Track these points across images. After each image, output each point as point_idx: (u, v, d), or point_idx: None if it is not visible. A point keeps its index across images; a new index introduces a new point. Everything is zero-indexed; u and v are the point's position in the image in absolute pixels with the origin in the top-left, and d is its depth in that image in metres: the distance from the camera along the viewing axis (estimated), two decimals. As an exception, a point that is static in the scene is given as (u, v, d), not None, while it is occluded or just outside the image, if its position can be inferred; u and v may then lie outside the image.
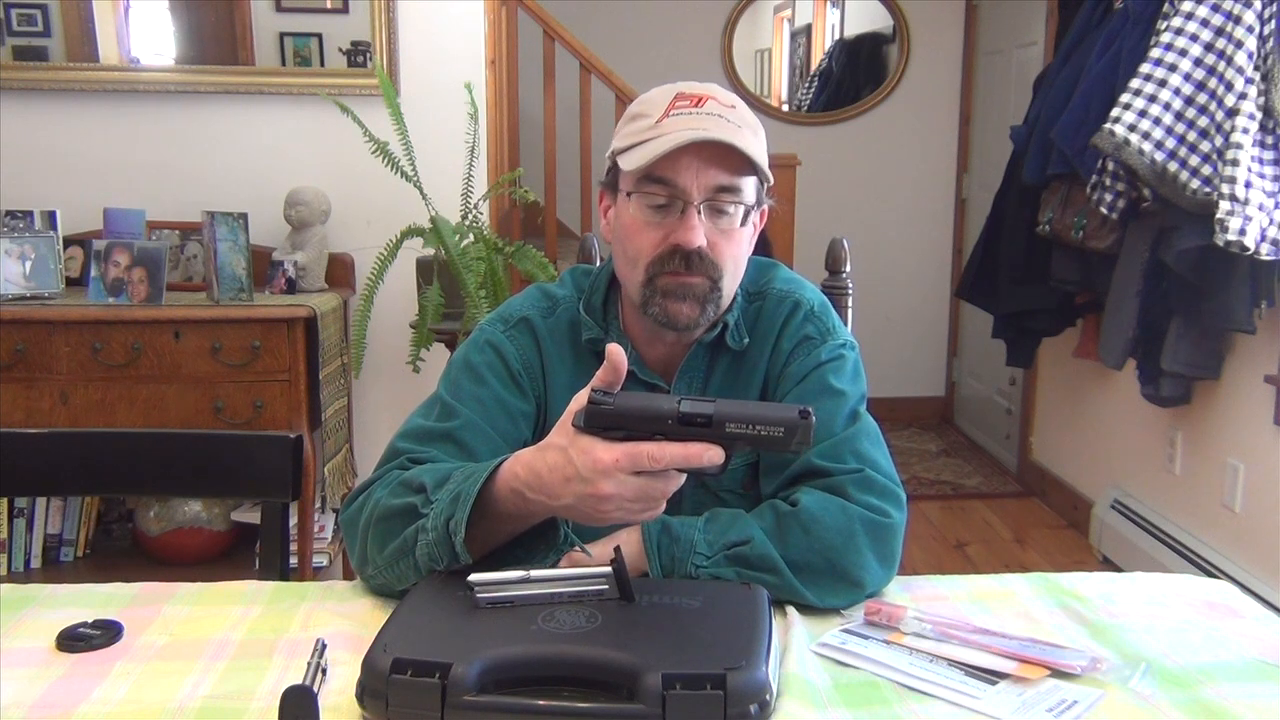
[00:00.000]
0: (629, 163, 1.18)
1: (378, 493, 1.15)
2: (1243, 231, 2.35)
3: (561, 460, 0.97)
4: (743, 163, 1.17)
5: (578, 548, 1.11)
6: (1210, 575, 2.74)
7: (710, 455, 0.92)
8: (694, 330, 1.22)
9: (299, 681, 0.89)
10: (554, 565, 1.10)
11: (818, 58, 5.01)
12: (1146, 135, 2.52)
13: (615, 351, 0.97)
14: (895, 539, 1.14)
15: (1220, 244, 2.38)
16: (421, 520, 1.07)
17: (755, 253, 1.32)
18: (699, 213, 1.17)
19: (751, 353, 1.28)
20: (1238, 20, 2.45)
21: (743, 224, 1.21)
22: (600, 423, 0.95)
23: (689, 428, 0.93)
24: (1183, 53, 2.51)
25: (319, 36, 2.90)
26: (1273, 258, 2.42)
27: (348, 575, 2.77)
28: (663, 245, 1.18)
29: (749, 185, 1.20)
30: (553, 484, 0.98)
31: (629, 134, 1.20)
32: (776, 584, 1.09)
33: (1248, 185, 2.37)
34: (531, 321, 1.28)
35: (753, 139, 1.19)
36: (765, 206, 1.27)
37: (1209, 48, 2.49)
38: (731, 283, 1.22)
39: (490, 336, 1.27)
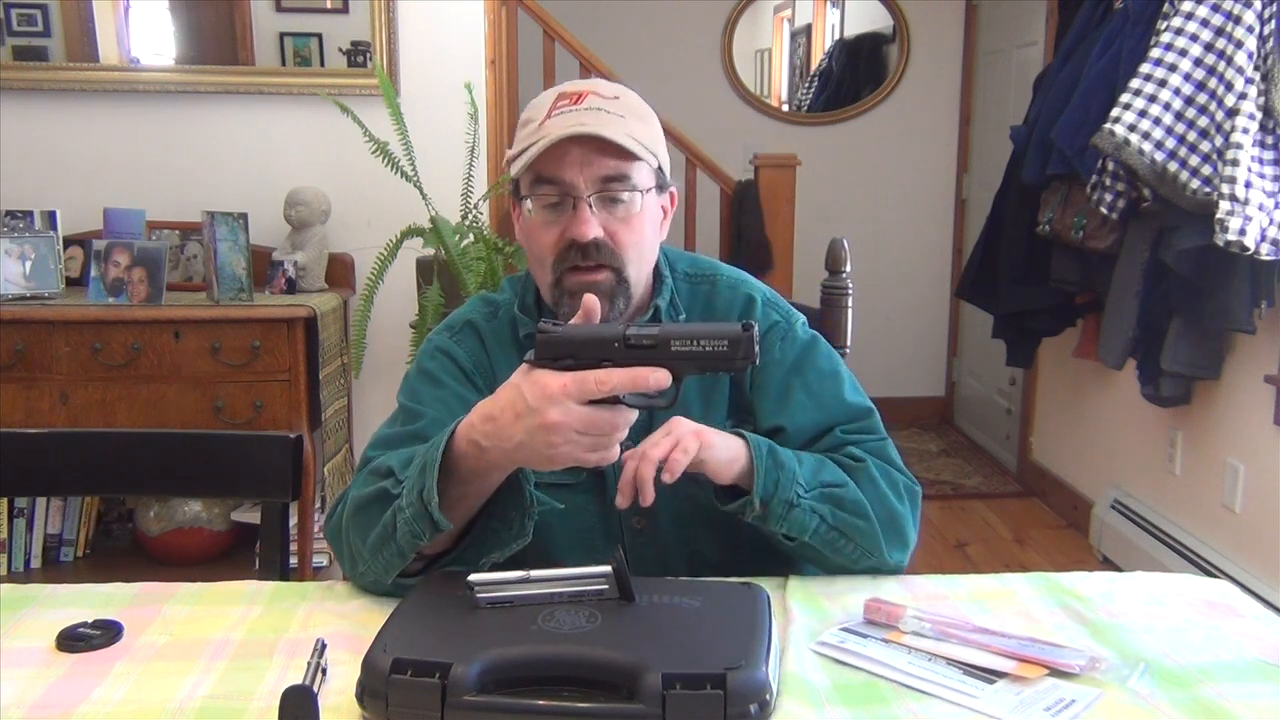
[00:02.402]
0: (517, 168, 1.21)
1: (351, 492, 1.18)
2: (1243, 231, 2.35)
3: (513, 396, 1.00)
4: (627, 150, 1.19)
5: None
6: (1210, 575, 2.74)
7: (657, 378, 0.95)
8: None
9: (299, 681, 0.89)
10: (530, 528, 1.11)
11: (818, 58, 5.00)
12: (1146, 135, 2.52)
13: (590, 299, 1.03)
14: (919, 507, 1.25)
15: (1220, 244, 2.37)
16: (396, 500, 1.09)
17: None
18: (590, 206, 1.19)
19: None
20: (1238, 20, 2.45)
21: (645, 209, 1.22)
22: (550, 353, 0.98)
23: (636, 350, 0.96)
24: (1183, 53, 2.51)
25: (319, 36, 2.90)
26: (1273, 258, 2.42)
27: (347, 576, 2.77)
28: (562, 241, 1.20)
29: (640, 171, 1.21)
30: (505, 423, 1.01)
31: (518, 140, 1.23)
32: (866, 530, 1.16)
33: (1248, 185, 2.36)
34: (476, 325, 1.32)
35: (638, 125, 1.21)
36: (672, 189, 1.30)
37: (1209, 48, 2.49)
38: (638, 270, 1.23)
39: (439, 344, 1.31)
